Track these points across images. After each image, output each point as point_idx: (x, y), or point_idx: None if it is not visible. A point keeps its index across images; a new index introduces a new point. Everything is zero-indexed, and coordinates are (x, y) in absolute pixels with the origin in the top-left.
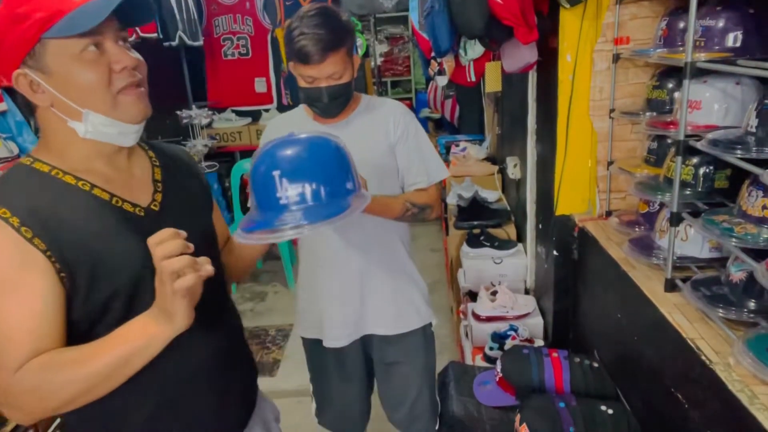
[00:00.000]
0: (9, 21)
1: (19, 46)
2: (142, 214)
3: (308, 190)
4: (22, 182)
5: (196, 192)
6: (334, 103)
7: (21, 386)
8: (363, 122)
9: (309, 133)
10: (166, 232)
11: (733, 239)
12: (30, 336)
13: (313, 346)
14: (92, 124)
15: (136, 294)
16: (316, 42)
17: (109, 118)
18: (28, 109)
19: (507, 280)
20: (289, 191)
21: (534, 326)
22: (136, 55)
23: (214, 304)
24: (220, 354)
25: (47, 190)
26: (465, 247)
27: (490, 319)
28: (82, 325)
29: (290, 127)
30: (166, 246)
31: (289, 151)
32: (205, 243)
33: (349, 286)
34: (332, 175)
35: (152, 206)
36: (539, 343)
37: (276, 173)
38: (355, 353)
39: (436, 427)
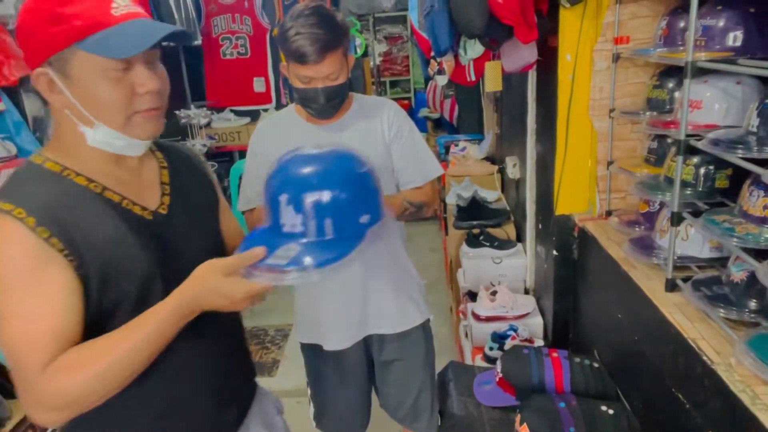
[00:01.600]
0: (45, 18)
1: (49, 46)
2: (150, 217)
3: (312, 223)
4: (36, 182)
5: (203, 192)
6: (330, 104)
7: (50, 386)
8: (357, 123)
9: (335, 154)
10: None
11: (734, 239)
12: (54, 335)
13: (311, 351)
14: (101, 135)
15: (143, 297)
16: (314, 41)
17: (118, 133)
18: (42, 102)
19: (507, 280)
20: (293, 219)
21: (534, 326)
22: (162, 72)
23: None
24: (222, 352)
25: (60, 191)
26: (464, 247)
27: (489, 319)
28: (92, 326)
29: (281, 129)
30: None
31: (302, 174)
32: (210, 244)
33: (350, 285)
34: (346, 206)
35: (160, 209)
36: (539, 343)
37: (283, 198)
38: (356, 355)
39: (439, 423)
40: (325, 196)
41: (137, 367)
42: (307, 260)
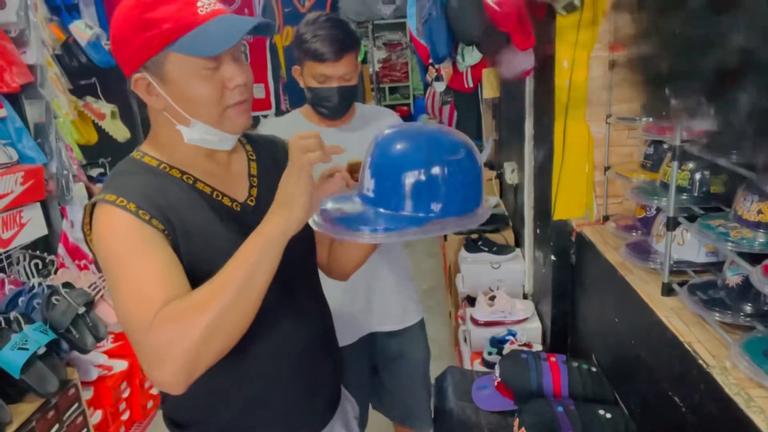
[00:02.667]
0: (135, 25)
1: (144, 52)
2: (239, 209)
3: (387, 192)
4: (135, 174)
5: None
6: (342, 104)
7: (161, 337)
8: (361, 129)
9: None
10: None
11: (729, 243)
12: (163, 288)
13: None
14: (198, 132)
15: None
16: (333, 42)
17: (213, 128)
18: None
19: (505, 285)
20: (369, 184)
21: (532, 331)
22: (247, 66)
23: (306, 292)
24: (310, 344)
25: (157, 181)
26: (463, 252)
27: (488, 324)
28: None
29: (288, 131)
30: (306, 140)
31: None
32: (299, 235)
33: (356, 283)
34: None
35: (248, 201)
36: (537, 347)
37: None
38: (358, 353)
39: (432, 416)
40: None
41: (249, 301)
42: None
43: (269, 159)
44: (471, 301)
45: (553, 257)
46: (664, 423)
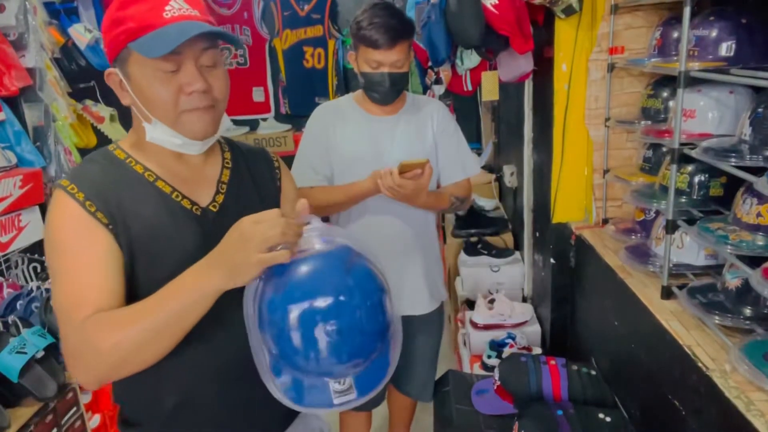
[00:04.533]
0: (110, 22)
1: (112, 48)
2: (199, 212)
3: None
4: (96, 163)
5: (264, 197)
6: (393, 89)
7: (80, 338)
8: (410, 118)
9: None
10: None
11: (729, 246)
12: (96, 292)
13: None
14: (159, 132)
15: None
16: (388, 29)
17: (173, 131)
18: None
19: (504, 288)
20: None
21: (532, 334)
22: (218, 73)
23: (239, 305)
24: (239, 360)
25: (116, 175)
26: (462, 256)
27: (487, 327)
28: (130, 302)
29: (340, 115)
30: (286, 227)
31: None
32: None
33: (389, 268)
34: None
35: (211, 207)
36: (537, 350)
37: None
38: None
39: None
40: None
41: (174, 333)
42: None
43: (245, 169)
44: (470, 304)
45: (552, 260)
46: (664, 427)
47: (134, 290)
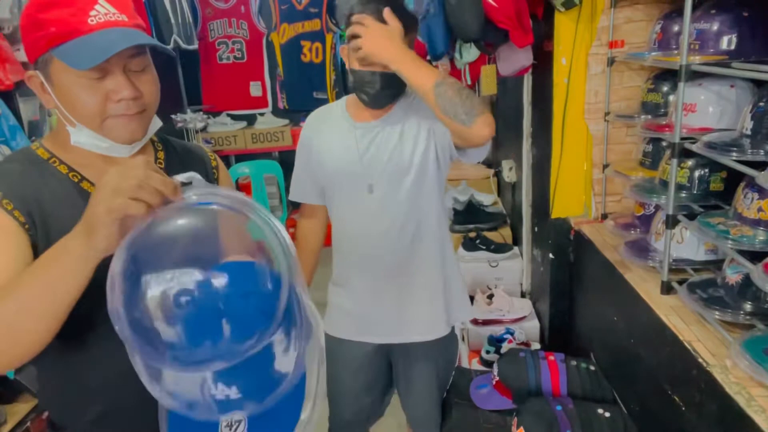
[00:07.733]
0: (30, 23)
1: (32, 51)
2: None
3: None
4: (19, 162)
5: None
6: (384, 92)
7: None
8: (398, 121)
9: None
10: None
11: (729, 241)
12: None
13: (337, 346)
14: (84, 136)
15: (102, 286)
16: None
17: (98, 134)
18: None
19: (503, 284)
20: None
21: (530, 329)
22: (148, 78)
23: None
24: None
25: (37, 173)
26: (461, 251)
27: (486, 323)
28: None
29: (325, 123)
30: (145, 178)
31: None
32: None
33: (386, 284)
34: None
35: None
36: (536, 346)
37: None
38: (380, 359)
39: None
40: None
41: (50, 306)
42: None
43: (180, 169)
44: (469, 299)
45: (551, 255)
46: (664, 422)
47: None
